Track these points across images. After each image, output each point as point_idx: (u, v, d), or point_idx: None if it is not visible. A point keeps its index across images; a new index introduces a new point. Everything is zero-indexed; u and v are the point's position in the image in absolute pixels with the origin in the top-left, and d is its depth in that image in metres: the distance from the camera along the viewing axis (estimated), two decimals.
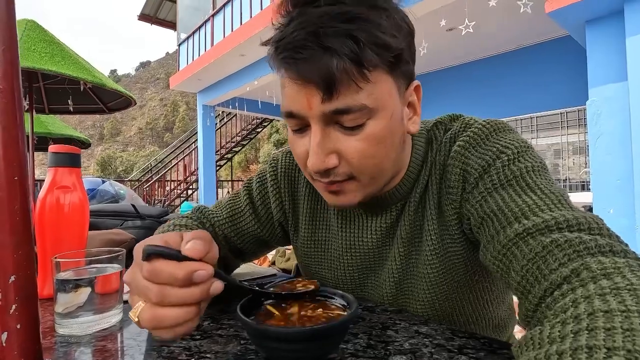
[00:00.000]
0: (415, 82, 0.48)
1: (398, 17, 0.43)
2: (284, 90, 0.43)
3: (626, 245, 0.34)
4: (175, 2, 8.51)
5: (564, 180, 5.58)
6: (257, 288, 0.39)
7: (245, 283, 0.38)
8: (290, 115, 0.43)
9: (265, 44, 0.43)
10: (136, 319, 0.33)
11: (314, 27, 0.38)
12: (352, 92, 0.40)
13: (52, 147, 0.56)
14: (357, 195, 0.46)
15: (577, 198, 3.74)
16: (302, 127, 0.44)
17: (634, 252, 0.33)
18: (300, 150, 0.45)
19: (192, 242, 0.34)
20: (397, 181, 0.52)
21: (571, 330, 0.23)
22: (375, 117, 0.42)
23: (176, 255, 0.33)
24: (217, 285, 0.34)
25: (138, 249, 0.35)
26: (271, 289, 0.40)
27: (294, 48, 0.39)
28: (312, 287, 0.40)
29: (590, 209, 2.93)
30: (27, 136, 2.41)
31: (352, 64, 0.38)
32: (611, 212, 2.71)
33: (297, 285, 0.41)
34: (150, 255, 0.32)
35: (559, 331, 0.24)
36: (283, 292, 0.39)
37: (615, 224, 2.78)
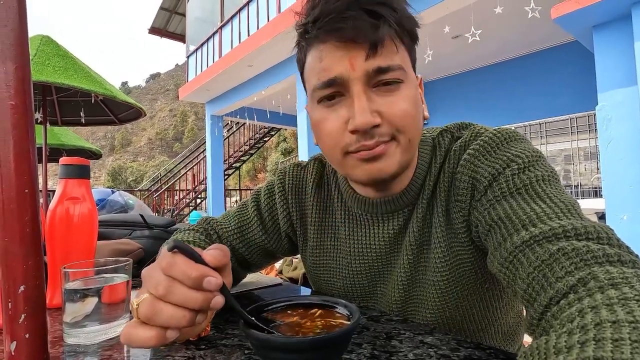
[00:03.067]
0: (419, 76, 0.52)
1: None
2: (320, 64, 0.46)
3: (636, 256, 0.33)
4: (184, 15, 8.71)
5: (576, 187, 5.48)
6: (254, 320, 0.35)
7: (250, 317, 0.36)
8: (330, 83, 0.45)
9: (301, 25, 0.48)
10: (135, 306, 0.33)
11: None
12: (392, 53, 0.45)
13: (62, 160, 0.57)
14: (395, 160, 0.47)
15: (590, 204, 3.66)
16: (338, 96, 0.46)
17: None
18: (333, 124, 0.46)
19: (214, 251, 0.35)
20: (404, 184, 0.53)
21: (578, 341, 0.23)
22: (407, 81, 0.46)
23: (197, 258, 0.34)
24: (218, 300, 0.34)
25: (163, 249, 0.36)
26: (275, 319, 0.38)
27: (339, 13, 0.43)
28: (318, 330, 0.36)
29: (602, 216, 2.87)
30: (41, 148, 2.47)
31: (394, 26, 0.44)
32: (624, 219, 2.65)
33: (302, 321, 0.38)
34: (175, 248, 0.34)
35: (565, 341, 0.24)
36: (280, 334, 0.35)
37: (629, 231, 2.73)
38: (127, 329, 0.33)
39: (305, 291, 0.71)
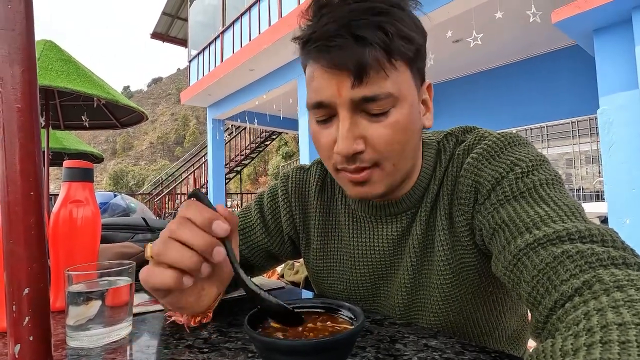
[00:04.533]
0: (427, 82, 0.51)
1: (415, 18, 0.47)
2: (312, 82, 0.46)
3: None
4: (186, 20, 8.77)
5: (578, 190, 5.47)
6: (255, 288, 0.37)
7: (254, 283, 0.38)
8: (319, 105, 0.45)
9: (296, 39, 0.47)
10: (148, 250, 0.38)
11: (345, 20, 0.42)
12: (380, 80, 0.43)
13: (66, 163, 0.58)
14: (380, 185, 0.47)
15: (592, 208, 3.65)
16: (328, 117, 0.46)
17: None
18: (325, 140, 0.47)
19: (227, 209, 0.40)
20: (408, 187, 0.53)
21: (584, 343, 0.23)
22: (399, 105, 0.45)
23: (212, 207, 0.39)
24: (219, 250, 0.38)
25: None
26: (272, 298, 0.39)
27: (327, 38, 0.42)
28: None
29: (605, 220, 2.86)
30: (43, 152, 2.49)
31: (382, 53, 0.42)
32: (627, 222, 2.64)
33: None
34: (193, 196, 0.39)
35: (571, 344, 0.23)
36: (279, 302, 0.37)
37: (631, 235, 2.72)
38: (145, 270, 0.38)
39: (308, 295, 0.71)
